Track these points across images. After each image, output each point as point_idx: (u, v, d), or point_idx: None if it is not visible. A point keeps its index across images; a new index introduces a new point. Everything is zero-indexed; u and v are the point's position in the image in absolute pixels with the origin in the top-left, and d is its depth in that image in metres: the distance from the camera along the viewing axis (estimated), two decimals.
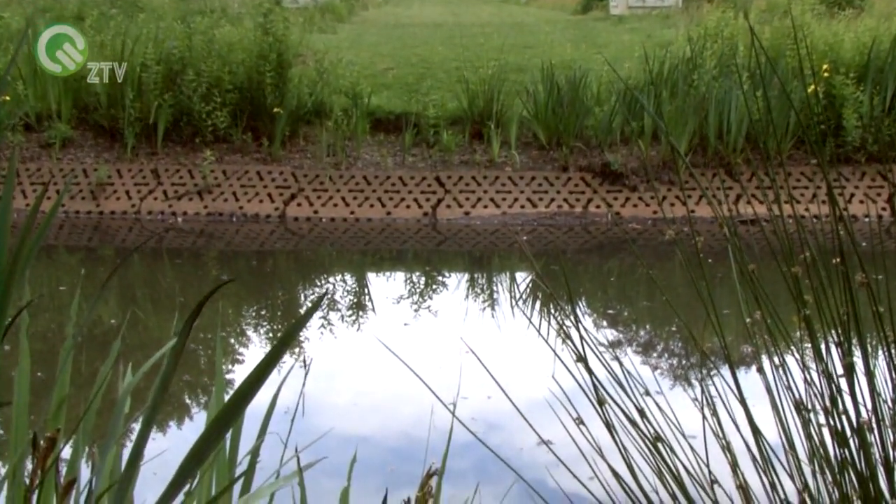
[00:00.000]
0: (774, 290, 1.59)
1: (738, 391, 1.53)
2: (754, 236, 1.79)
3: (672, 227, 1.59)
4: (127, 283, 7.72)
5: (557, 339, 1.62)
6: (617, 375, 1.53)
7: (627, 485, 1.48)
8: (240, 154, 10.42)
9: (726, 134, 9.75)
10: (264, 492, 1.50)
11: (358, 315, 6.86)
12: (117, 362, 1.92)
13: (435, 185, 9.97)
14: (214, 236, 9.46)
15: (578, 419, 1.47)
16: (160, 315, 6.89)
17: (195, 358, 5.72)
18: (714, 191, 9.04)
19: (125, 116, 10.20)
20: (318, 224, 9.64)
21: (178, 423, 4.82)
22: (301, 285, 8.22)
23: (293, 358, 5.74)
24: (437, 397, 1.54)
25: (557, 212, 9.66)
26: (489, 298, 7.64)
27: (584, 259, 8.88)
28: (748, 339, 1.55)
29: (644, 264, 7.89)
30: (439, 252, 9.21)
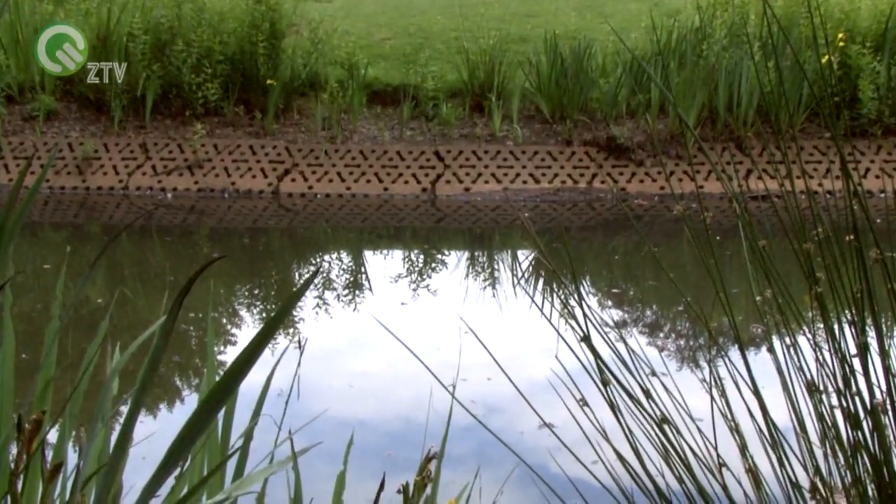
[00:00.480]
0: (786, 268, 1.59)
1: (748, 372, 1.53)
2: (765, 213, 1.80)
3: (680, 203, 1.58)
4: (115, 261, 7.72)
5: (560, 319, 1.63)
6: (622, 356, 1.53)
7: (632, 468, 1.48)
8: (231, 127, 10.39)
9: (736, 107, 9.72)
10: (257, 476, 1.50)
11: (354, 295, 6.87)
12: (105, 343, 1.92)
13: (434, 160, 9.95)
14: (205, 213, 9.45)
15: (582, 401, 1.47)
16: (149, 295, 6.90)
17: (186, 339, 5.73)
18: (724, 166, 9.02)
19: (112, 88, 10.17)
20: (313, 200, 9.63)
21: (168, 406, 4.84)
22: (295, 264, 8.23)
23: (287, 339, 5.75)
24: (437, 378, 1.54)
25: (561, 187, 9.65)
26: (490, 277, 7.65)
27: (589, 236, 8.88)
28: (758, 319, 1.55)
29: (650, 242, 7.89)
30: (438, 229, 9.20)
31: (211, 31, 10.32)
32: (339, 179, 9.81)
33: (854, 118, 9.68)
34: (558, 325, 1.62)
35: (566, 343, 1.52)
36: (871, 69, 9.59)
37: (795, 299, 1.52)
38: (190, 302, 6.03)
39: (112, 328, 1.95)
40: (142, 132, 10.33)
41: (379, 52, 11.69)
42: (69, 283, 6.06)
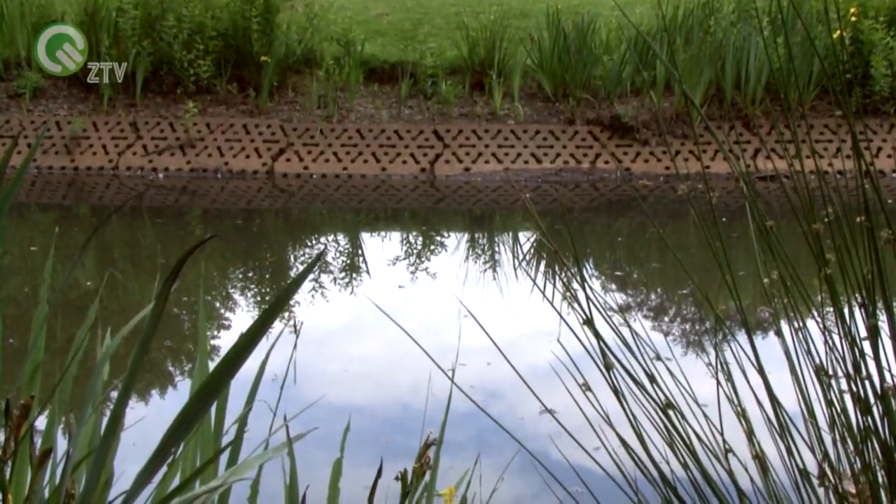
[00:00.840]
0: (794, 251, 1.59)
1: (755, 356, 1.53)
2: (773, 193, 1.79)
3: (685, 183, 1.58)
4: (105, 243, 7.72)
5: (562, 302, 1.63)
6: (626, 339, 1.53)
7: (636, 454, 1.48)
8: (224, 106, 10.37)
9: (744, 84, 9.70)
10: (252, 463, 1.51)
11: (351, 278, 6.87)
12: (95, 327, 1.92)
13: (433, 140, 9.93)
14: (198, 194, 9.44)
15: (585, 385, 1.47)
16: (140, 277, 6.90)
17: (178, 323, 5.74)
18: (731, 145, 9.01)
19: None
20: (309, 181, 9.62)
21: (160, 392, 4.85)
22: (290, 246, 8.23)
23: (283, 323, 5.75)
24: (435, 363, 1.55)
25: (563, 167, 9.64)
26: (490, 260, 7.65)
27: (592, 218, 8.87)
28: (766, 301, 1.55)
29: (655, 223, 7.89)
30: (437, 210, 9.20)
31: (203, 6, 10.29)
32: (336, 159, 9.79)
33: (866, 95, 9.66)
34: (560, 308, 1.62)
35: (568, 326, 1.53)
36: (885, 45, 9.56)
37: (804, 282, 1.52)
38: (182, 285, 6.03)
39: (102, 312, 1.95)
40: (132, 110, 10.30)
41: (376, 28, 11.65)
42: (57, 266, 6.06)
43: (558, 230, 7.62)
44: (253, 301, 6.39)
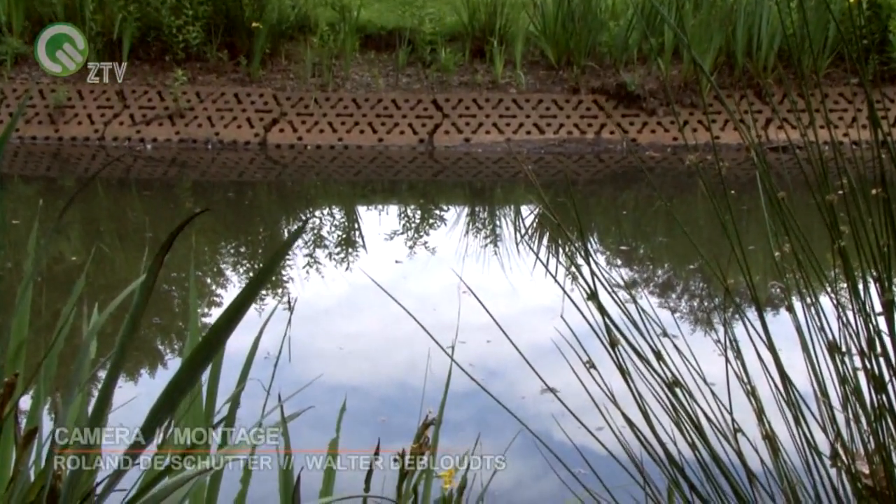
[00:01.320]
0: (807, 224, 1.59)
1: (765, 332, 1.53)
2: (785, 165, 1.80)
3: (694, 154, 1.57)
4: (91, 216, 7.71)
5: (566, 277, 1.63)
6: (631, 316, 1.53)
7: (642, 434, 1.49)
8: (215, 74, 10.33)
9: (756, 51, 9.66)
10: (245, 443, 1.51)
11: (347, 253, 6.87)
12: (80, 302, 1.92)
13: (432, 109, 9.90)
14: (187, 165, 9.42)
15: (589, 362, 1.47)
16: (128, 251, 6.90)
17: (167, 299, 5.74)
18: (741, 114, 8.99)
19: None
20: (303, 152, 9.59)
21: (150, 371, 4.86)
22: (284, 219, 8.22)
23: (276, 299, 5.76)
24: (434, 340, 1.55)
25: (567, 138, 9.62)
26: (491, 234, 7.65)
27: (597, 190, 8.86)
28: (777, 276, 1.55)
29: (662, 196, 7.88)
30: (436, 183, 9.18)
31: None
32: (331, 130, 9.77)
33: (884, 62, 9.62)
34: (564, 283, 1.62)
35: (572, 301, 1.52)
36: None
37: (817, 256, 1.52)
38: (171, 260, 6.03)
39: (88, 287, 1.95)
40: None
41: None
42: (41, 240, 6.04)
43: (562, 203, 7.61)
44: (245, 277, 6.40)
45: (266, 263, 1.13)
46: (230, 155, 9.53)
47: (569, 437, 1.67)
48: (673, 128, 9.56)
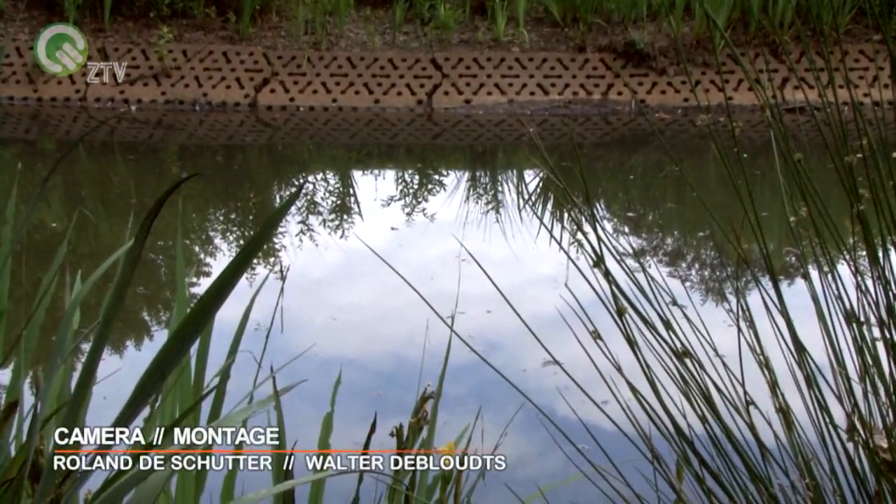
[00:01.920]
0: (825, 189, 1.58)
1: (780, 301, 1.53)
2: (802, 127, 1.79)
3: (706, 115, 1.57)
4: (73, 181, 7.69)
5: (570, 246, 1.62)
6: (640, 284, 1.53)
7: (650, 406, 1.49)
8: (202, 31, 10.28)
9: (772, 6, 9.60)
10: (235, 418, 1.52)
11: (341, 219, 6.86)
12: (62, 271, 1.92)
13: (430, 69, 9.86)
14: (174, 128, 9.39)
15: (595, 333, 1.47)
16: (112, 219, 6.89)
17: (153, 268, 5.74)
18: (757, 74, 8.96)
19: None
20: (295, 114, 9.56)
21: (135, 343, 4.87)
22: (276, 185, 8.20)
23: (267, 268, 5.76)
24: (433, 309, 1.55)
25: (573, 99, 9.58)
26: (492, 200, 7.64)
27: (604, 154, 8.84)
28: (792, 243, 1.55)
29: (672, 160, 7.86)
30: (435, 146, 9.16)
31: None
32: (324, 90, 9.73)
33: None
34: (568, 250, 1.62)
35: (578, 269, 1.52)
36: None
37: (835, 221, 1.52)
38: (157, 227, 6.01)
39: (71, 256, 1.95)
40: (100, 35, 10.21)
41: None
42: (21, 206, 6.04)
43: (567, 168, 7.60)
44: (235, 245, 6.39)
45: (259, 231, 1.13)
46: (219, 117, 9.50)
47: (573, 411, 1.67)
48: (684, 88, 9.53)
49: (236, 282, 1.12)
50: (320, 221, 6.73)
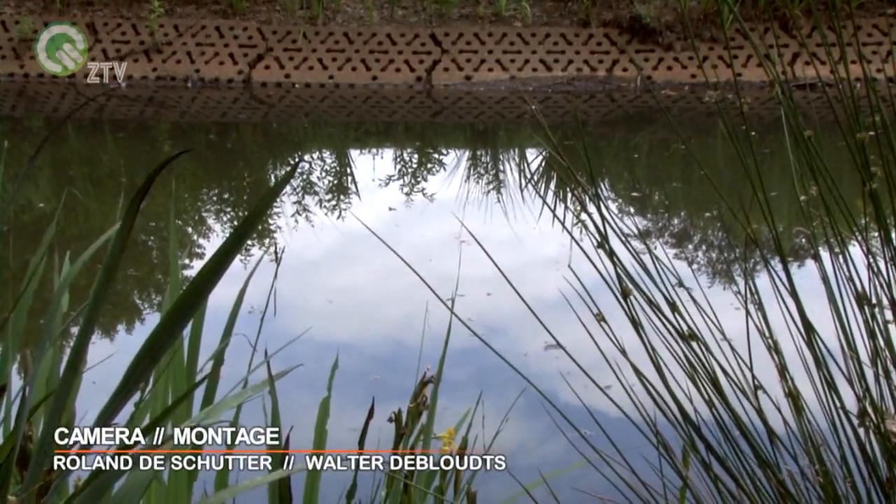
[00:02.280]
0: (836, 168, 1.58)
1: (789, 282, 1.53)
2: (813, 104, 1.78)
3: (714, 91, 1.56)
4: (61, 160, 7.69)
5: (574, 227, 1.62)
6: (645, 265, 1.53)
7: (655, 390, 1.49)
8: (194, 5, 10.25)
9: None
10: (229, 402, 1.52)
11: (338, 199, 6.86)
12: (51, 252, 1.92)
13: (430, 45, 9.84)
14: (166, 105, 9.37)
15: (599, 315, 1.47)
16: (101, 199, 6.89)
17: (145, 250, 5.74)
18: (766, 49, 8.94)
19: None
20: (291, 90, 9.54)
21: (126, 327, 4.87)
22: (270, 163, 8.20)
23: (262, 250, 5.76)
24: (433, 291, 1.55)
25: (576, 76, 9.56)
26: (493, 179, 7.63)
27: (608, 132, 8.83)
28: (802, 222, 1.55)
29: (679, 138, 7.85)
30: (434, 124, 9.15)
31: None
32: (321, 67, 9.70)
33: None
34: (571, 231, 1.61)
35: (582, 249, 1.52)
36: None
37: (846, 201, 1.51)
38: (149, 207, 6.02)
39: (59, 237, 1.94)
40: (89, 10, 10.18)
41: None
42: (7, 185, 6.03)
43: (570, 147, 7.59)
44: (229, 226, 6.39)
45: (253, 210, 1.13)
46: (212, 94, 9.48)
47: (577, 396, 1.67)
48: (691, 64, 9.50)
49: (229, 263, 1.12)
50: (316, 202, 6.73)
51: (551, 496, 1.70)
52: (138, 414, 1.82)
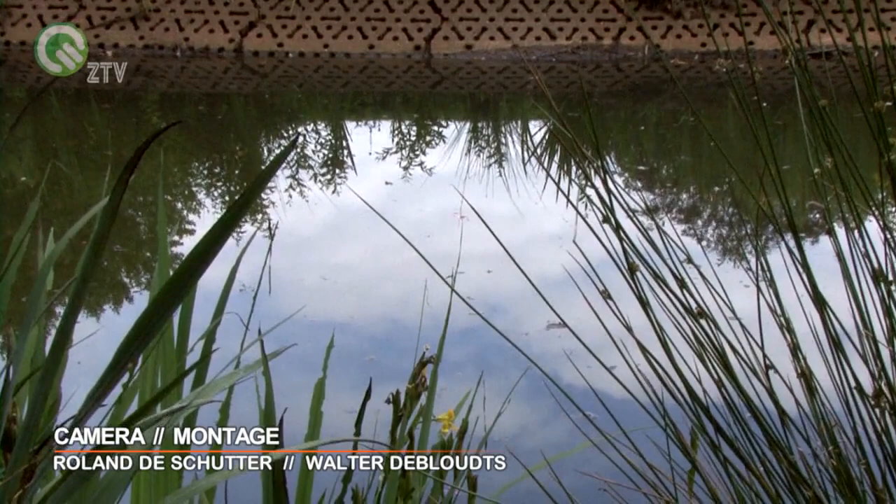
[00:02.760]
0: (852, 140, 1.58)
1: (802, 258, 1.53)
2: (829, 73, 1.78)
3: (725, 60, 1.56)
4: (44, 132, 7.68)
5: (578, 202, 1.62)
6: (653, 241, 1.52)
7: (662, 369, 1.49)
8: None
9: None
10: (221, 383, 1.52)
11: (333, 173, 6.86)
12: (35, 228, 1.92)
13: (429, 12, 9.80)
14: (154, 75, 9.35)
15: (605, 292, 1.47)
16: (87, 172, 6.88)
17: (132, 226, 5.74)
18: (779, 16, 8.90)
19: None
20: (284, 60, 9.52)
21: (113, 305, 4.88)
22: (263, 136, 8.19)
23: (255, 225, 5.76)
24: (433, 268, 1.55)
25: (581, 45, 9.54)
26: (495, 153, 7.62)
27: (615, 104, 8.82)
28: (816, 195, 1.55)
29: (689, 109, 7.84)
30: (434, 95, 9.13)
31: None
32: (315, 35, 9.68)
33: None
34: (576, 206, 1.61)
35: (587, 224, 1.52)
36: None
37: (862, 173, 1.51)
38: (136, 182, 6.01)
39: (43, 212, 1.94)
40: None
41: None
42: None
43: (575, 118, 7.58)
44: (220, 201, 6.39)
45: (249, 187, 1.12)
46: (202, 63, 9.46)
47: (583, 376, 1.68)
48: (701, 32, 9.48)
49: (224, 241, 1.12)
50: (310, 176, 6.73)
51: (554, 480, 1.70)
52: (127, 395, 1.83)
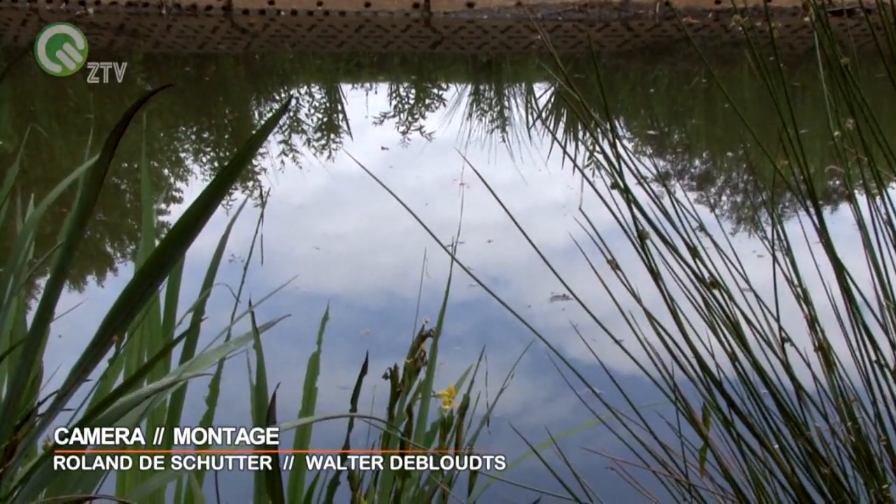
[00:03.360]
0: (875, 102, 1.57)
1: (821, 226, 1.53)
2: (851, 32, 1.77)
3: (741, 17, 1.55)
4: (23, 94, 7.66)
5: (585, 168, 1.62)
6: (664, 208, 1.52)
7: (675, 342, 1.49)
8: None
9: None
10: (211, 357, 1.52)
11: (328, 138, 6.85)
12: (14, 195, 1.92)
13: None
14: (138, 34, 9.32)
15: (613, 262, 1.47)
16: (68, 137, 6.87)
17: (116, 194, 5.74)
18: None
19: None
20: (275, 18, 9.49)
21: (97, 277, 4.88)
22: (254, 100, 8.17)
23: (245, 193, 5.76)
24: (432, 234, 1.54)
25: (589, 2, 9.51)
26: (498, 117, 7.61)
27: (624, 64, 8.79)
28: (836, 160, 1.54)
29: (702, 70, 7.82)
30: (434, 56, 9.10)
31: None
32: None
33: None
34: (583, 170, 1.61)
35: (593, 188, 1.52)
36: None
37: (885, 137, 1.50)
38: (120, 148, 6.00)
39: (22, 179, 1.94)
40: None
41: None
42: None
43: (582, 80, 7.56)
44: (209, 167, 6.39)
45: (238, 153, 1.12)
46: (189, 22, 9.43)
47: (590, 348, 1.68)
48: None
49: (213, 210, 1.12)
50: (304, 141, 6.72)
51: (560, 457, 1.71)
52: (112, 370, 1.83)
